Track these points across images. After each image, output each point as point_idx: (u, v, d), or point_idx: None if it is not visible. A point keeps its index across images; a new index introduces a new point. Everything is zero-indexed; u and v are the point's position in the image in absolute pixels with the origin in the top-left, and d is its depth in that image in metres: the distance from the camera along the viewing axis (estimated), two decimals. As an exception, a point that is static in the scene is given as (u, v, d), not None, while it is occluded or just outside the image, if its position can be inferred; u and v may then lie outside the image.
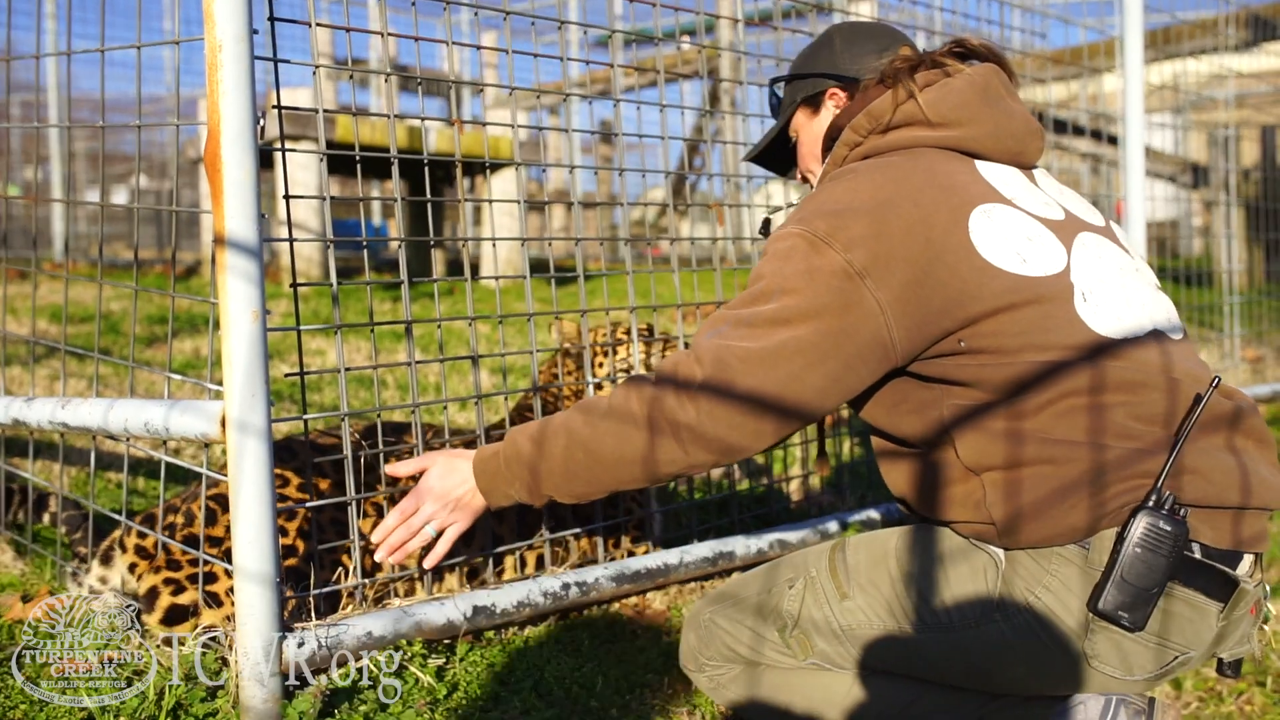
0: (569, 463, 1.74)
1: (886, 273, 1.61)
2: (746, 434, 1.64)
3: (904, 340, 1.63)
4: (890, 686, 1.79)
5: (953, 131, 1.78)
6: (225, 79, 1.80)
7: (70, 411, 2.20)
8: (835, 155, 1.88)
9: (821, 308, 1.61)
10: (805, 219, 1.68)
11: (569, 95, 2.49)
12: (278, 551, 1.85)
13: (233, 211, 1.81)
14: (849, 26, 2.03)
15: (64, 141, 8.78)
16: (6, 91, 2.72)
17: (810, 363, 1.61)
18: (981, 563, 1.68)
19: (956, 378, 1.66)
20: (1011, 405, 1.63)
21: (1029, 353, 1.61)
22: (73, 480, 3.21)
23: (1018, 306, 1.62)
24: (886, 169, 1.73)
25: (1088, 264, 1.71)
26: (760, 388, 1.61)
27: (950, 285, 1.61)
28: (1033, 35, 4.16)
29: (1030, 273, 1.64)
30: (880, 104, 1.82)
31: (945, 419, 1.68)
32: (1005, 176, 1.78)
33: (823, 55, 1.99)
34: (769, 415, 1.63)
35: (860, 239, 1.62)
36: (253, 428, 1.82)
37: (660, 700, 2.11)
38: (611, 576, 2.40)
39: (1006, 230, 1.66)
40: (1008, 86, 1.87)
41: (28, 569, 2.48)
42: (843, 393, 1.66)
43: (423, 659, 2.06)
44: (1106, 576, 1.57)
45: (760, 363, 1.61)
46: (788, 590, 1.82)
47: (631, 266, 2.66)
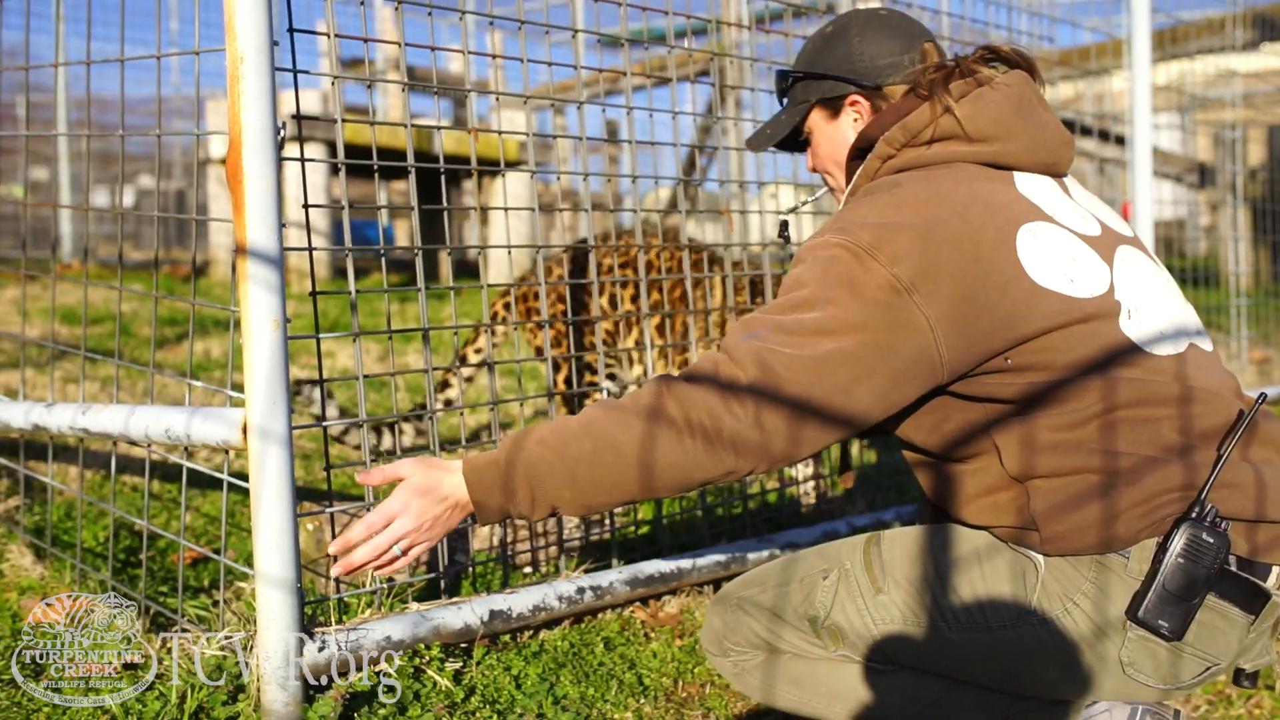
0: (595, 467, 1.62)
1: (934, 289, 1.58)
2: (790, 441, 1.59)
3: (952, 358, 1.61)
4: (917, 682, 1.79)
5: (990, 146, 1.75)
6: (247, 90, 1.81)
7: (91, 418, 2.22)
8: (867, 168, 1.83)
9: (867, 321, 1.57)
10: (847, 229, 1.64)
11: (583, 103, 2.51)
12: (299, 557, 1.87)
13: (254, 221, 1.82)
14: (865, 18, 1.93)
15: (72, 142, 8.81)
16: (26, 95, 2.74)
17: (857, 376, 1.57)
18: (1020, 566, 1.69)
19: (1001, 395, 1.65)
20: (1055, 418, 1.63)
21: (1076, 369, 1.62)
22: (88, 484, 3.23)
23: (1067, 328, 1.61)
24: (930, 182, 1.70)
25: (1129, 280, 1.71)
26: (808, 396, 1.56)
27: (1000, 306, 1.60)
28: (1039, 39, 4.17)
29: (1078, 294, 1.63)
30: (916, 118, 1.77)
31: (990, 433, 1.67)
32: (1042, 190, 1.76)
33: (838, 51, 1.91)
34: (814, 424, 1.59)
35: (906, 253, 1.59)
36: (274, 435, 1.84)
37: (674, 703, 2.13)
38: (625, 580, 2.42)
39: (1052, 250, 1.66)
40: (1039, 95, 1.84)
41: (48, 572, 2.51)
42: (888, 408, 1.63)
43: (440, 662, 2.08)
44: (1148, 585, 1.59)
45: (806, 371, 1.57)
46: (821, 581, 1.81)
47: (644, 271, 2.67)
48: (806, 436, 1.59)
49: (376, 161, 2.14)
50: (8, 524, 2.74)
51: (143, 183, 13.96)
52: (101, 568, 2.49)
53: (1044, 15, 4.26)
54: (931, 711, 1.80)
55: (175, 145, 11.06)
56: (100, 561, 2.60)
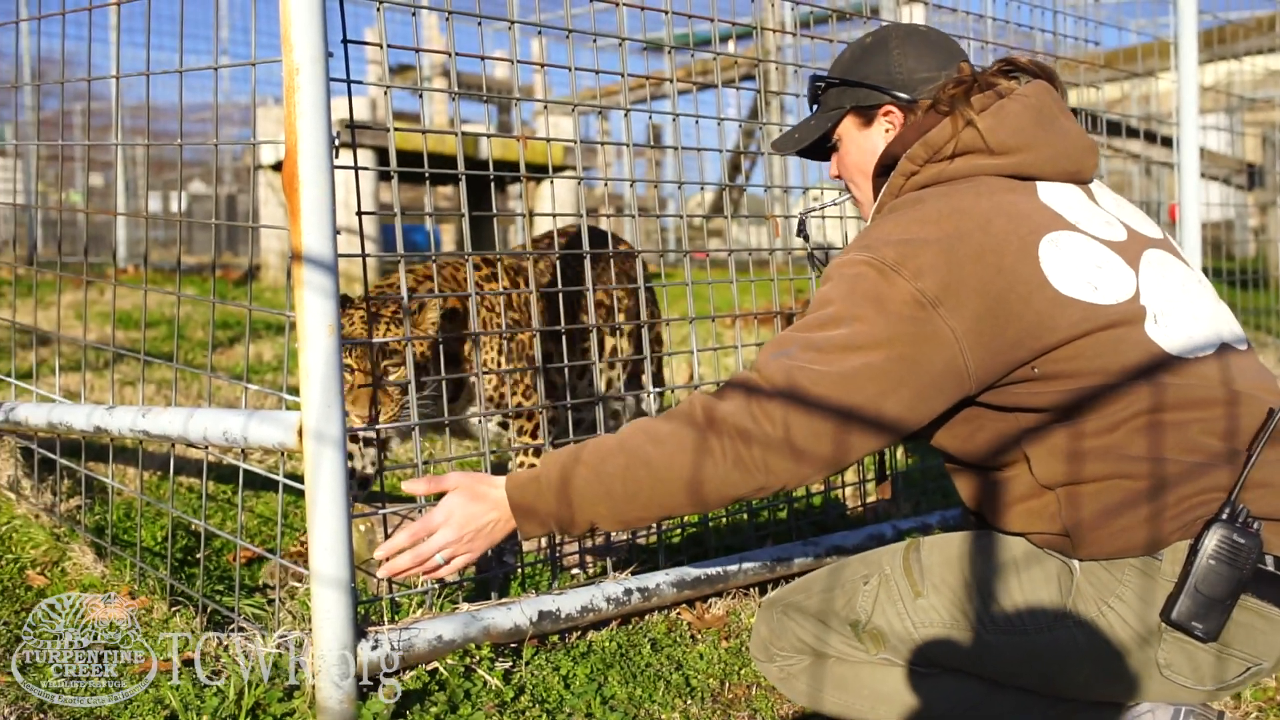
0: (629, 483, 1.67)
1: (959, 302, 1.61)
2: (820, 457, 1.63)
3: (978, 369, 1.64)
4: (958, 685, 1.82)
5: (1011, 158, 1.77)
6: (302, 101, 1.85)
7: (151, 420, 2.27)
8: (891, 185, 1.86)
9: (893, 336, 1.60)
10: (871, 246, 1.68)
11: (629, 110, 2.53)
12: (353, 557, 1.91)
13: (309, 228, 1.86)
14: (905, 32, 1.96)
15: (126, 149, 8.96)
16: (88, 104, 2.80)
17: (884, 390, 1.61)
18: (1055, 570, 1.71)
19: (1030, 404, 1.67)
20: (1084, 425, 1.65)
21: (1102, 376, 1.63)
22: (146, 484, 3.30)
23: (1091, 334, 1.63)
24: (952, 197, 1.73)
25: (1155, 284, 1.72)
26: (836, 412, 1.60)
27: (1024, 317, 1.62)
28: (1084, 41, 4.15)
29: (1103, 301, 1.65)
30: (937, 134, 1.80)
31: (1019, 441, 1.70)
32: (1066, 198, 1.78)
33: (877, 61, 1.93)
34: (843, 439, 1.62)
35: (930, 267, 1.62)
36: (329, 437, 1.87)
37: (720, 704, 2.15)
38: (672, 582, 2.44)
39: (1076, 259, 1.67)
40: (1059, 103, 1.85)
41: (108, 571, 2.57)
42: (917, 420, 1.66)
43: (490, 662, 2.11)
44: (1180, 587, 1.60)
45: (835, 386, 1.60)
46: (862, 587, 1.84)
47: (691, 274, 2.70)
48: (836, 451, 1.63)
49: (428, 169, 2.18)
50: (70, 523, 2.81)
51: (195, 188, 14.18)
52: (160, 566, 2.55)
53: (1089, 18, 4.24)
54: (973, 713, 1.82)
55: (226, 152, 11.22)
56: (159, 560, 2.66)
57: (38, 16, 2.79)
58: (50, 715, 1.94)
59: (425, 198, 2.24)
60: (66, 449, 3.04)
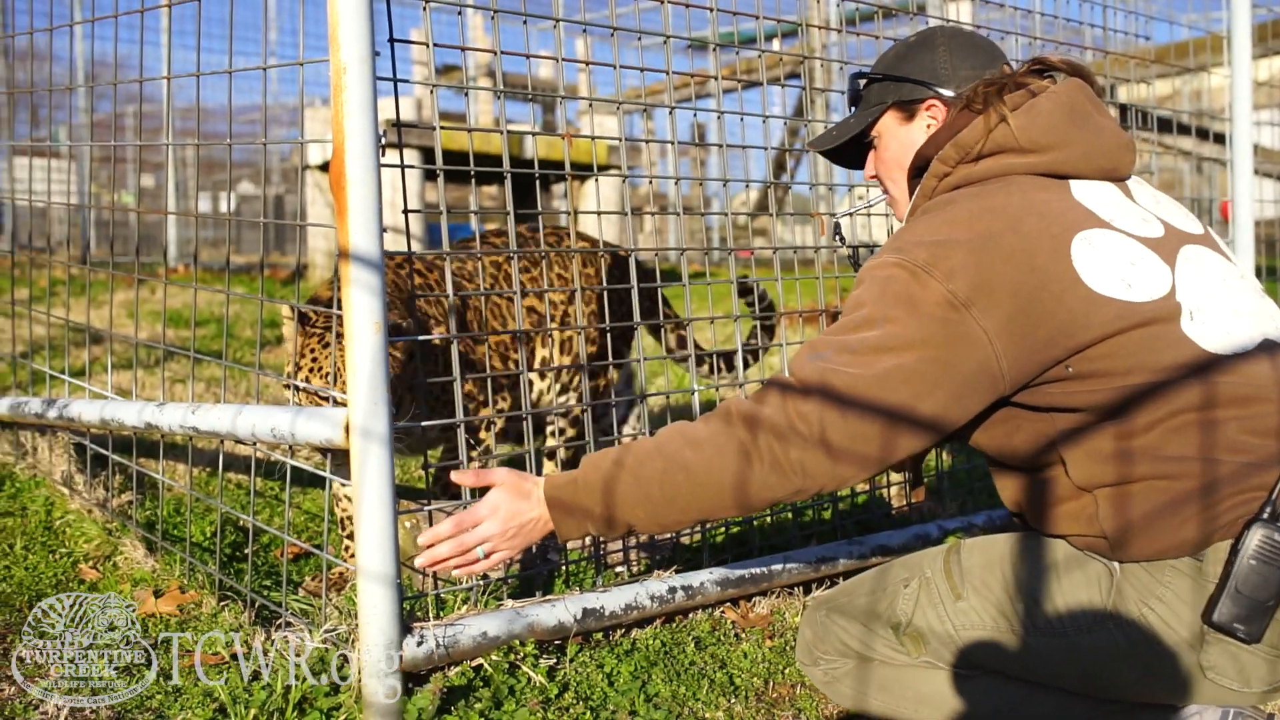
0: (666, 486, 1.68)
1: (991, 302, 1.60)
2: (856, 460, 1.62)
3: (1012, 369, 1.62)
4: (1000, 687, 1.81)
5: (1044, 156, 1.76)
6: (350, 100, 1.87)
7: (200, 417, 2.30)
8: (924, 187, 1.85)
9: (926, 337, 1.60)
10: (903, 248, 1.67)
11: (674, 108, 2.53)
12: (398, 553, 1.92)
13: (356, 226, 1.88)
14: (952, 32, 1.97)
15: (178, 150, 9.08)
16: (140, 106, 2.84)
17: (919, 392, 1.60)
18: (1095, 572, 1.70)
19: (1065, 404, 1.66)
20: (1121, 425, 1.63)
21: (1137, 375, 1.62)
22: (195, 481, 3.34)
23: (1126, 333, 1.61)
24: (983, 198, 1.72)
25: (1192, 280, 1.70)
26: (872, 415, 1.59)
27: (1057, 315, 1.61)
28: (1135, 37, 4.09)
29: (1137, 298, 1.63)
30: (969, 133, 1.79)
31: (1055, 442, 1.69)
32: (1100, 196, 1.76)
33: (922, 58, 1.93)
34: (879, 441, 1.61)
35: (961, 268, 1.61)
36: (375, 434, 1.89)
37: (765, 704, 2.14)
38: (716, 581, 2.44)
39: (1109, 256, 1.65)
40: (1094, 101, 1.83)
41: (159, 565, 2.60)
42: (952, 421, 1.64)
43: (534, 659, 2.12)
44: (1221, 588, 1.58)
45: (869, 389, 1.60)
46: (903, 589, 1.85)
47: (735, 272, 2.69)
48: (873, 452, 1.62)
49: (474, 167, 2.19)
50: (121, 518, 2.85)
51: (243, 189, 14.35)
52: (209, 561, 2.58)
53: (1140, 12, 4.18)
54: (1014, 715, 1.82)
55: (274, 153, 11.33)
56: (208, 555, 2.69)
57: (91, 19, 2.83)
58: (103, 705, 1.97)
59: (470, 197, 2.25)
60: (118, 445, 3.09)
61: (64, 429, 3.11)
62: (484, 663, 2.07)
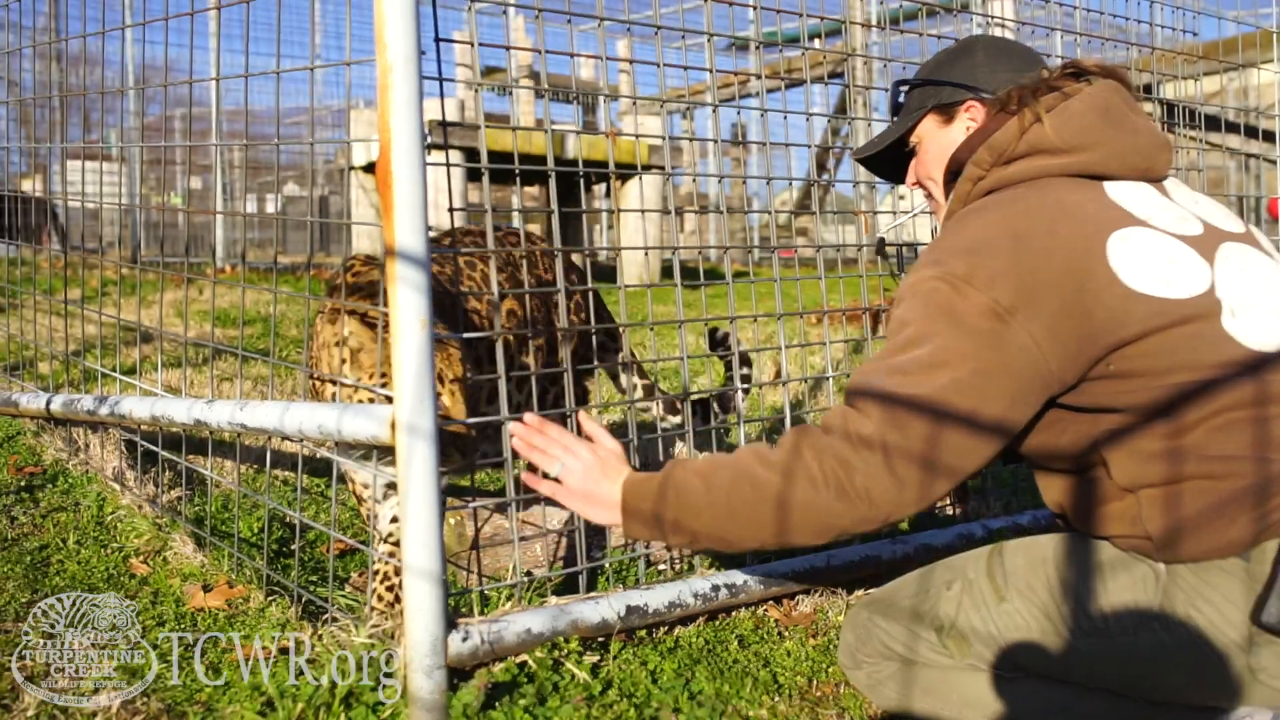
0: (733, 496, 1.69)
1: (1033, 305, 1.60)
2: (924, 482, 1.60)
3: (1060, 369, 1.62)
4: (1046, 690, 1.80)
5: (1077, 157, 1.76)
6: (395, 99, 1.88)
7: (248, 414, 2.33)
8: (959, 192, 1.86)
9: (975, 348, 1.59)
10: (941, 260, 1.67)
11: (716, 106, 2.53)
12: (444, 549, 1.94)
13: (402, 224, 1.89)
14: (992, 40, 2.00)
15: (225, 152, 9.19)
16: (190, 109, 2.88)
17: (976, 404, 1.59)
18: (1140, 573, 1.68)
19: (1107, 404, 1.65)
20: (1164, 425, 1.62)
21: (1178, 373, 1.60)
22: (243, 477, 3.38)
23: (1165, 330, 1.60)
24: (1016, 202, 1.72)
25: (1233, 277, 1.68)
26: (934, 434, 1.58)
27: (1096, 314, 1.61)
28: (1181, 32, 4.04)
29: (1175, 295, 1.62)
30: (1002, 135, 1.80)
31: (1098, 443, 1.68)
32: (1136, 196, 1.76)
33: (962, 64, 1.96)
34: (946, 459, 1.60)
35: (1001, 275, 1.61)
36: (421, 431, 1.90)
37: (808, 702, 2.14)
38: (759, 579, 2.44)
39: (1146, 254, 1.65)
40: (1129, 101, 1.83)
41: (207, 560, 2.64)
42: (1013, 427, 1.64)
43: (578, 655, 2.13)
44: (1269, 588, 1.56)
45: (928, 407, 1.59)
46: (945, 592, 1.84)
47: (778, 271, 2.69)
48: (941, 473, 1.61)
49: (518, 166, 2.20)
50: (171, 514, 2.89)
51: (289, 190, 14.49)
52: (256, 557, 2.61)
53: (1187, 8, 4.13)
54: (1060, 718, 1.80)
55: (319, 155, 11.43)
56: (255, 551, 2.72)
57: (142, 23, 2.87)
58: (154, 699, 2.00)
59: (514, 196, 2.26)
60: (168, 442, 3.13)
61: (115, 426, 3.16)
62: (528, 659, 2.08)
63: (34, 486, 3.12)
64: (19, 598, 2.40)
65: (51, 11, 4.25)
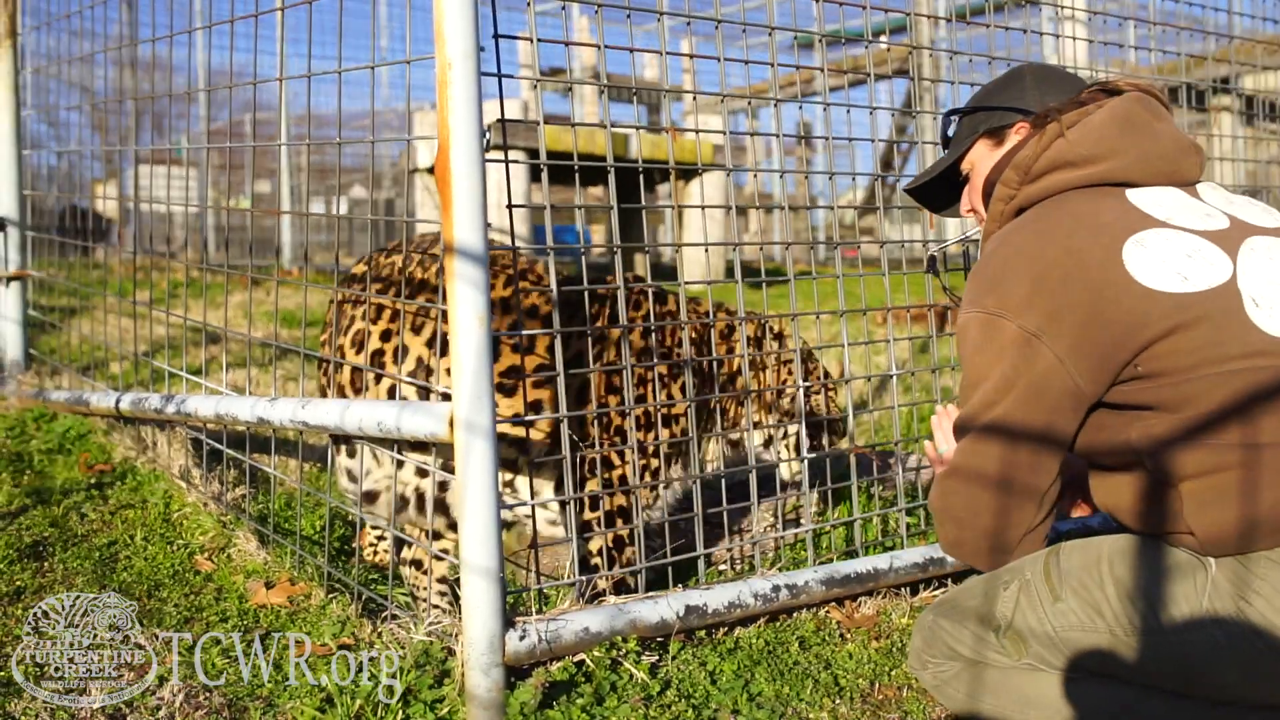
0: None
1: (1058, 327, 1.68)
2: (994, 517, 1.76)
3: (1090, 384, 1.70)
4: (1107, 689, 1.79)
5: (1099, 167, 1.81)
6: (454, 95, 1.88)
7: (310, 411, 2.34)
8: (993, 212, 1.94)
9: (1013, 378, 1.71)
10: (976, 299, 1.78)
11: (778, 101, 2.50)
12: (501, 547, 1.93)
13: (461, 221, 1.89)
14: (1039, 66, 2.07)
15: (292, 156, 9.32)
16: (254, 111, 2.91)
17: (1018, 433, 1.70)
18: (1190, 569, 1.67)
19: (1140, 402, 1.68)
20: (1195, 420, 1.63)
21: (1205, 367, 1.62)
22: (306, 476, 3.41)
23: (1187, 325, 1.63)
24: (1037, 221, 1.80)
25: (1258, 268, 1.70)
26: (998, 467, 1.74)
27: (1117, 320, 1.66)
28: (1262, 20, 3.93)
29: (1193, 289, 1.65)
30: (1025, 153, 1.87)
31: (1134, 440, 1.70)
32: (1160, 199, 1.80)
33: (1011, 90, 2.02)
34: (1017, 484, 1.74)
35: (1026, 301, 1.70)
36: (479, 428, 1.89)
37: (870, 705, 2.10)
38: (821, 580, 2.40)
39: (1164, 252, 1.68)
40: (1154, 110, 1.88)
41: (270, 557, 2.66)
42: (1059, 444, 1.74)
43: (636, 655, 2.11)
44: None
45: (992, 444, 1.73)
46: (1002, 592, 1.85)
47: (841, 269, 2.65)
48: (1015, 497, 1.75)
49: (577, 162, 2.18)
50: (235, 511, 2.92)
51: (355, 193, 14.66)
52: (318, 554, 2.62)
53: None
54: (1123, 716, 1.79)
55: (385, 158, 11.55)
56: (317, 549, 2.74)
57: (208, 25, 2.91)
58: (215, 694, 2.01)
59: (575, 195, 2.24)
60: (233, 441, 3.17)
61: (181, 424, 3.20)
62: (586, 658, 2.07)
63: (104, 484, 3.17)
64: (89, 593, 2.44)
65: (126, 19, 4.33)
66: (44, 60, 4.69)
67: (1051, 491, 1.77)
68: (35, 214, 5.08)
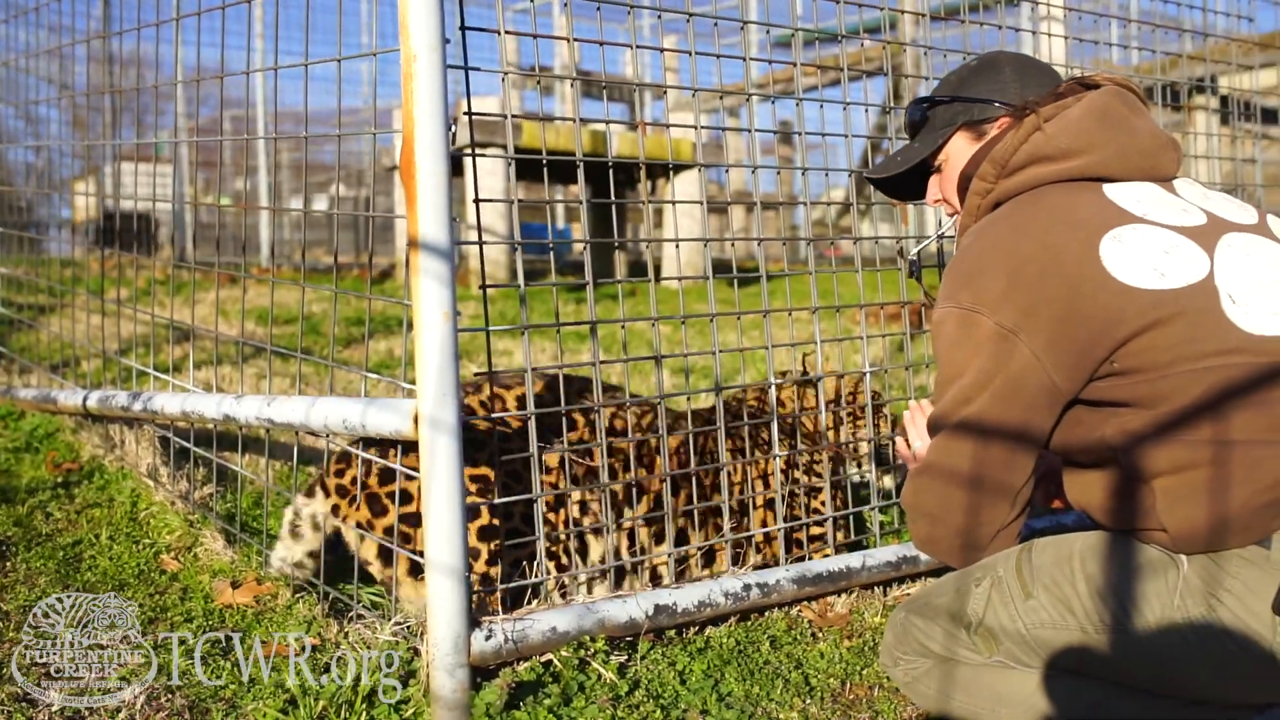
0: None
1: (1034, 323, 1.66)
2: (967, 515, 1.76)
3: (1065, 380, 1.68)
4: (1079, 687, 1.78)
5: (1075, 161, 1.80)
6: (419, 88, 1.86)
7: (275, 408, 2.31)
8: (969, 206, 1.91)
9: (988, 375, 1.70)
10: (952, 294, 1.76)
11: (750, 95, 2.48)
12: (466, 545, 1.90)
13: (426, 216, 1.86)
14: (1017, 56, 2.03)
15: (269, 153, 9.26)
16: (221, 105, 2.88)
17: (992, 430, 1.69)
18: (1161, 567, 1.66)
19: (1116, 398, 1.67)
20: (1170, 416, 1.62)
21: (1181, 364, 1.61)
22: (277, 473, 3.38)
23: (1164, 322, 1.62)
24: (1013, 216, 1.78)
25: (1234, 265, 1.69)
26: (960, 471, 1.74)
27: (1094, 316, 1.64)
28: (1238, 19, 3.93)
29: (1169, 285, 1.64)
30: (1002, 147, 1.85)
31: (1109, 436, 1.68)
32: (1137, 194, 1.78)
33: (990, 80, 1.98)
34: (988, 481, 1.73)
35: (1002, 296, 1.69)
36: (444, 424, 1.87)
37: (841, 705, 2.08)
38: (793, 579, 2.38)
39: (1140, 248, 1.67)
40: (1131, 105, 1.86)
41: (237, 556, 2.62)
42: (1035, 442, 1.73)
43: (605, 655, 2.09)
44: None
45: (965, 440, 1.73)
46: (974, 589, 1.84)
47: (814, 267, 2.63)
48: (988, 495, 1.75)
49: (545, 156, 2.16)
50: (203, 510, 2.88)
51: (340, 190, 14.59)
52: (286, 554, 2.58)
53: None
54: (1094, 714, 1.78)
55: (365, 155, 11.47)
56: (285, 548, 2.70)
57: (175, 18, 2.87)
58: (177, 695, 1.98)
59: (558, 192, 2.22)
60: (201, 439, 3.13)
61: (148, 421, 3.16)
62: (553, 658, 2.05)
63: (70, 483, 3.14)
64: (50, 593, 2.40)
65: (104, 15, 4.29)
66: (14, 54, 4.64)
67: (1025, 489, 1.76)
68: (5, 210, 5.02)
